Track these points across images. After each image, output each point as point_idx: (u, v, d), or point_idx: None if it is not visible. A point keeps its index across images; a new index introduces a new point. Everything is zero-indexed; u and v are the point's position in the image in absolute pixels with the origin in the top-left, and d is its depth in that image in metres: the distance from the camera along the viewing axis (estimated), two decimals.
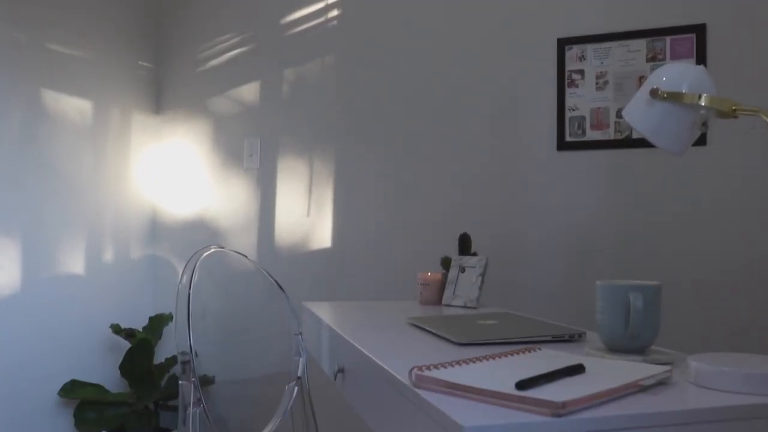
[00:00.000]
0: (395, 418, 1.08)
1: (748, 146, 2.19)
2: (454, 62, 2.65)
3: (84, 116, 3.00)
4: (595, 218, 2.39)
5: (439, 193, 2.66)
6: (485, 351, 1.24)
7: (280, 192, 3.01)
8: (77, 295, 2.96)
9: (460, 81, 2.64)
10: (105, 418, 2.85)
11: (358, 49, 2.84)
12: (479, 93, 2.60)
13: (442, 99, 2.67)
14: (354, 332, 1.50)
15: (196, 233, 3.22)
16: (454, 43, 2.65)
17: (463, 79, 2.63)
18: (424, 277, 2.10)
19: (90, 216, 3.02)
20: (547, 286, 2.45)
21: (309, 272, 2.92)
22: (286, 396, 2.10)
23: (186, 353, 1.77)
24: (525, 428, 0.80)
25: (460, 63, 2.64)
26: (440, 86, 2.67)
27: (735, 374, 0.96)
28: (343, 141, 2.87)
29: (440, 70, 2.67)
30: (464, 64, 2.63)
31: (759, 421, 0.90)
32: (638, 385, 0.96)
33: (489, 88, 2.58)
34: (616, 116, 2.36)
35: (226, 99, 3.17)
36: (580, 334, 1.40)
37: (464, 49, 2.63)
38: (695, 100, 1.12)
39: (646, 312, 1.13)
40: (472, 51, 2.62)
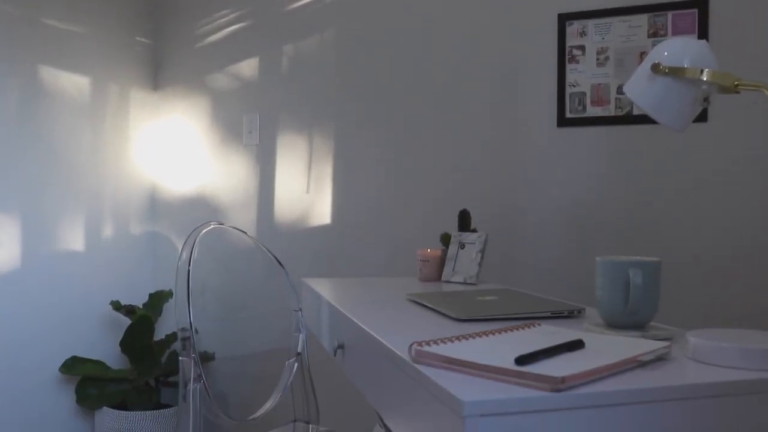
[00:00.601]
0: (395, 394, 1.08)
1: (749, 123, 2.18)
2: (454, 38, 2.63)
3: (82, 93, 2.98)
4: (595, 194, 2.39)
5: (438, 169, 2.65)
6: (485, 327, 1.24)
7: (280, 168, 3.00)
8: (77, 272, 2.97)
9: (459, 57, 2.62)
10: (106, 394, 2.87)
11: (358, 25, 2.82)
12: (479, 69, 2.58)
13: (442, 75, 2.65)
14: (354, 308, 1.51)
15: (195, 210, 3.22)
16: (454, 18, 2.63)
17: (463, 54, 2.61)
18: (424, 254, 2.10)
19: (89, 193, 3.02)
20: (547, 263, 2.45)
21: (309, 248, 2.93)
22: (286, 372, 2.11)
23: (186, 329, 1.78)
24: (524, 403, 0.80)
25: (460, 39, 2.62)
26: (440, 62, 2.66)
27: (733, 349, 0.96)
28: (343, 117, 2.86)
29: (440, 45, 2.65)
30: (464, 40, 2.61)
31: (757, 396, 0.91)
32: (637, 361, 0.96)
33: (489, 64, 2.57)
34: (617, 92, 2.35)
35: (224, 75, 3.15)
36: (580, 310, 1.40)
37: (464, 24, 2.61)
38: (697, 75, 1.11)
39: (646, 288, 1.14)
40: (472, 27, 2.60)
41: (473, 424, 0.78)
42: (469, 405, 0.78)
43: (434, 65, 2.67)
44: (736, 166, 2.20)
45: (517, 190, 2.51)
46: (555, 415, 0.81)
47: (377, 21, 2.78)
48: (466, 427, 0.78)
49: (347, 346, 1.47)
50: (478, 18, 2.59)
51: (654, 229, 2.30)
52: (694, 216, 2.25)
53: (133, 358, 2.92)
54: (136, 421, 2.78)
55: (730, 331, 1.07)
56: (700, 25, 2.23)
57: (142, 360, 2.92)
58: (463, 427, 0.78)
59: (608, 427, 0.83)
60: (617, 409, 0.84)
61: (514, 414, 0.80)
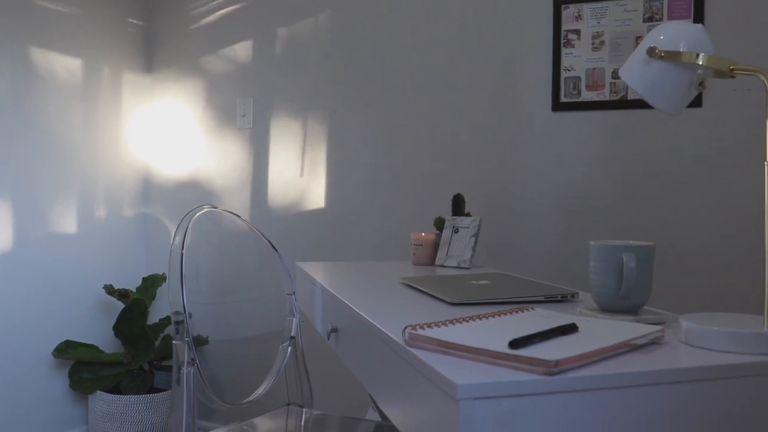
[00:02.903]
0: (388, 377, 1.09)
1: (744, 108, 2.18)
2: (450, 22, 2.61)
3: (74, 76, 2.96)
4: (589, 179, 2.39)
5: (433, 153, 2.65)
6: (478, 310, 1.24)
7: (274, 152, 2.99)
8: (70, 255, 2.96)
9: (455, 41, 2.61)
10: (100, 378, 2.87)
11: (353, 8, 2.80)
12: (474, 53, 2.57)
13: (437, 59, 2.64)
14: (347, 292, 1.51)
15: (189, 193, 3.21)
16: (450, 2, 2.62)
17: (458, 39, 2.60)
18: (418, 238, 2.10)
19: (82, 176, 3.00)
20: (541, 247, 2.46)
21: (303, 232, 2.92)
22: (279, 355, 2.11)
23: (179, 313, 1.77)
24: (518, 386, 0.80)
25: (456, 23, 2.60)
26: (435, 46, 2.64)
27: (725, 333, 0.97)
28: (337, 101, 2.84)
29: (435, 29, 2.64)
30: (459, 23, 2.60)
31: (748, 379, 0.91)
32: (630, 345, 0.96)
33: (484, 48, 2.56)
34: (612, 77, 2.35)
35: (218, 58, 3.13)
36: (573, 294, 1.40)
37: (460, 8, 2.60)
38: (693, 59, 1.10)
39: (639, 272, 1.14)
40: (467, 10, 2.58)
41: (467, 407, 0.78)
42: (463, 388, 0.78)
43: (429, 49, 2.66)
44: (730, 151, 2.20)
45: (512, 174, 2.51)
46: (548, 399, 0.81)
47: (372, 5, 2.77)
48: (459, 410, 0.78)
49: (341, 330, 1.47)
50: (473, 2, 2.57)
51: (648, 214, 2.30)
52: (688, 201, 2.25)
53: (127, 342, 2.92)
54: (130, 405, 2.78)
55: (723, 315, 1.07)
56: (696, 9, 2.22)
57: (136, 344, 2.91)
58: (457, 410, 0.78)
59: (601, 411, 0.84)
60: (610, 392, 0.84)
61: (507, 397, 0.80)
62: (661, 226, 2.28)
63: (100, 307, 3.08)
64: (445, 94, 2.63)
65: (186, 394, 1.77)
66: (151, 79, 3.32)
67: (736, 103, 2.18)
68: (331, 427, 1.97)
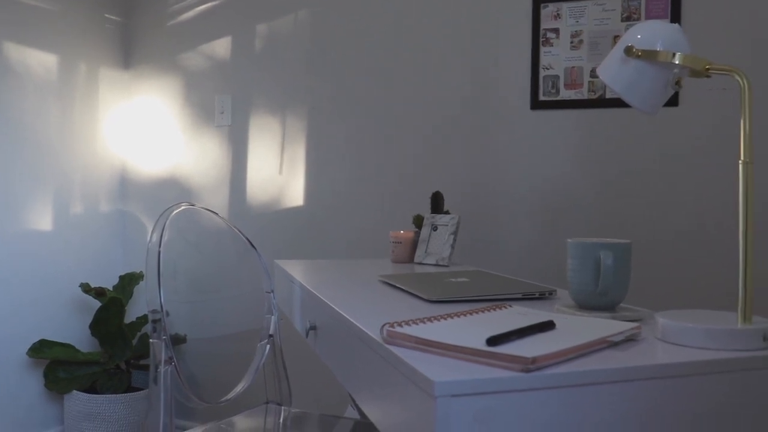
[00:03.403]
0: (367, 375, 1.08)
1: (719, 108, 2.20)
2: (429, 20, 2.62)
3: (49, 71, 2.93)
4: (567, 177, 2.40)
5: (411, 151, 2.65)
6: (456, 308, 1.25)
7: (252, 149, 2.98)
8: (45, 253, 2.93)
9: (434, 39, 2.61)
10: (76, 378, 2.84)
11: (332, 5, 2.80)
12: (454, 50, 2.58)
13: (416, 56, 2.64)
14: (326, 290, 1.50)
15: (167, 191, 3.19)
16: (430, 0, 2.62)
17: (438, 37, 2.60)
18: (397, 236, 2.10)
19: (57, 173, 2.97)
20: (520, 245, 2.47)
21: (281, 230, 2.91)
22: (258, 354, 2.10)
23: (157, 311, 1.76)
24: (495, 383, 0.80)
25: (435, 20, 2.60)
26: (414, 43, 2.64)
27: (700, 330, 0.98)
28: (316, 98, 2.84)
29: (415, 27, 2.64)
30: (439, 21, 2.60)
31: (722, 375, 0.92)
32: (607, 341, 0.97)
33: (464, 46, 2.56)
34: (590, 75, 2.36)
35: (197, 54, 3.11)
36: (551, 292, 1.41)
37: (440, 6, 2.60)
38: (669, 59, 1.11)
39: (616, 270, 1.14)
40: (447, 8, 2.59)
41: (444, 405, 0.78)
42: (440, 385, 0.78)
43: (408, 46, 2.66)
44: (706, 149, 2.22)
45: (491, 172, 2.51)
46: (526, 395, 0.82)
47: (351, 2, 2.76)
48: (437, 408, 0.78)
49: (319, 328, 1.47)
50: (452, 3, 2.58)
51: (625, 212, 2.32)
52: (665, 199, 2.27)
53: (104, 341, 2.89)
54: (107, 405, 2.76)
55: (698, 312, 1.08)
56: (673, 9, 2.24)
57: (113, 343, 2.89)
58: (434, 407, 0.78)
59: (578, 407, 0.84)
60: (587, 389, 0.84)
61: (485, 394, 0.80)
62: (638, 223, 2.30)
63: (76, 305, 3.05)
64: (425, 92, 2.63)
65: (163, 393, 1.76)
66: (129, 75, 3.29)
67: (712, 103, 2.21)
68: (309, 425, 1.96)
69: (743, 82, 1.03)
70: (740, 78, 1.04)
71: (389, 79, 2.69)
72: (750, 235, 1.01)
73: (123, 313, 2.90)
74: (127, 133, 3.29)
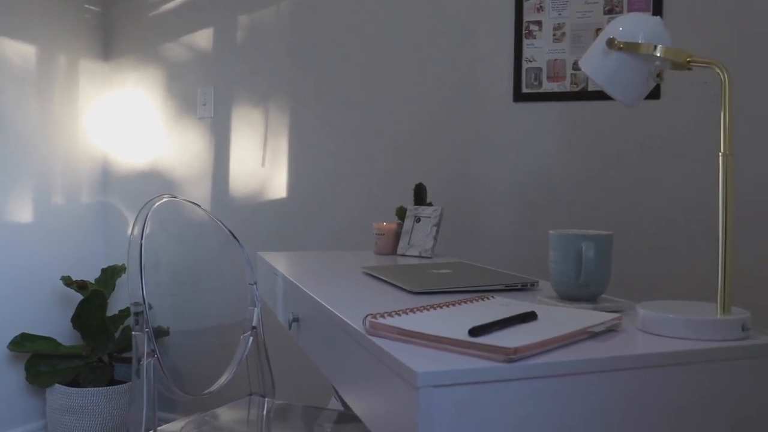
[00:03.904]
0: (350, 366, 1.09)
1: (700, 101, 2.22)
2: (412, 12, 2.61)
3: (27, 62, 2.89)
4: (550, 169, 2.41)
5: (395, 143, 2.65)
6: (439, 299, 1.25)
7: (235, 141, 2.96)
8: (26, 246, 2.90)
9: (417, 31, 2.61)
10: (58, 371, 2.82)
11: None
12: (436, 43, 2.57)
13: (399, 48, 2.64)
14: (309, 281, 1.50)
15: (149, 183, 3.17)
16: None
17: (421, 29, 2.60)
18: (380, 227, 2.10)
19: (37, 165, 2.94)
20: (502, 237, 2.47)
21: (264, 222, 2.90)
22: (241, 346, 2.10)
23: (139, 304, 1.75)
24: (478, 374, 0.81)
25: (418, 13, 2.60)
26: (397, 36, 2.64)
27: (680, 321, 0.99)
28: (299, 90, 2.83)
29: (397, 19, 2.64)
30: (421, 13, 2.59)
31: (702, 365, 0.93)
32: (588, 332, 0.98)
33: (446, 38, 2.56)
34: (573, 68, 2.37)
35: (178, 46, 3.09)
36: (533, 283, 1.42)
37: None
38: (651, 51, 1.12)
39: (598, 261, 1.15)
40: (430, 0, 2.58)
41: (427, 395, 0.79)
42: (423, 376, 0.78)
43: (391, 38, 2.65)
44: (687, 142, 2.24)
45: (473, 164, 2.52)
46: (508, 386, 0.82)
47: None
48: (419, 398, 0.78)
49: (302, 319, 1.47)
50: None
51: (607, 204, 2.34)
52: (646, 191, 2.29)
53: (86, 334, 2.88)
54: (89, 398, 2.74)
55: (678, 302, 1.09)
56: (655, 2, 2.25)
57: (95, 336, 2.87)
58: (417, 397, 0.78)
59: (560, 397, 0.85)
60: (568, 379, 0.85)
61: (467, 384, 0.80)
62: (619, 215, 2.32)
63: (58, 298, 3.02)
64: (407, 84, 2.63)
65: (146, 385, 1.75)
66: (109, 67, 3.26)
67: (693, 96, 2.22)
68: (293, 417, 1.96)
69: (723, 75, 1.04)
70: (720, 71, 1.05)
71: (372, 71, 2.69)
72: (730, 226, 1.02)
73: (105, 306, 2.88)
74: (109, 125, 3.26)
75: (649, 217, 2.28)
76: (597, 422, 0.87)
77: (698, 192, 2.22)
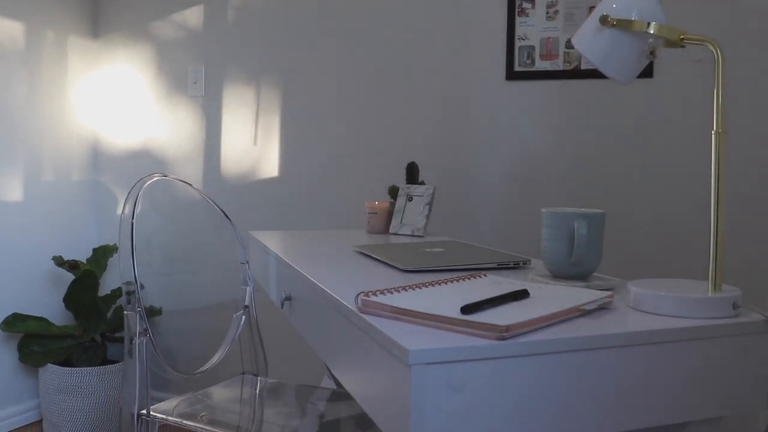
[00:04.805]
0: (342, 344, 1.09)
1: (693, 79, 2.21)
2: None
3: (15, 40, 2.86)
4: (542, 148, 2.41)
5: (387, 122, 2.64)
6: (432, 278, 1.25)
7: (227, 120, 2.95)
8: (17, 226, 2.89)
9: (410, 8, 2.59)
10: (50, 351, 2.82)
11: None
12: (429, 21, 2.56)
13: (392, 26, 2.62)
14: (301, 260, 1.50)
15: (140, 163, 3.15)
16: None
17: (413, 6, 2.58)
18: (372, 206, 2.09)
19: (26, 145, 2.92)
20: (494, 215, 2.48)
21: (256, 201, 2.90)
22: (233, 325, 2.10)
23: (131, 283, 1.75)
24: (470, 351, 0.81)
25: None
26: (390, 13, 2.62)
27: (671, 298, 0.99)
28: (291, 68, 2.81)
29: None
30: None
31: (692, 342, 0.93)
32: (580, 310, 0.98)
33: (439, 17, 2.54)
34: (566, 46, 2.36)
35: (168, 23, 3.06)
36: (525, 261, 1.42)
37: None
38: (644, 28, 1.11)
39: (590, 239, 1.15)
40: None
41: (419, 373, 0.79)
42: (415, 353, 0.79)
43: (384, 16, 2.63)
44: (680, 120, 2.24)
45: (466, 143, 2.51)
46: (499, 363, 0.82)
47: None
48: (411, 376, 0.78)
49: (294, 298, 1.47)
50: None
51: (599, 182, 2.34)
52: (638, 169, 2.29)
53: (78, 314, 2.87)
54: (82, 378, 2.74)
55: (669, 281, 1.10)
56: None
57: (87, 316, 2.87)
58: (409, 375, 0.79)
59: (551, 374, 0.85)
60: (560, 356, 0.85)
61: (459, 362, 0.80)
62: (612, 194, 2.32)
63: (50, 279, 3.01)
64: (400, 62, 2.61)
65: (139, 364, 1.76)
66: (98, 44, 3.23)
67: (686, 74, 2.22)
68: (286, 395, 1.97)
69: (717, 52, 1.04)
70: (714, 48, 1.04)
71: (364, 48, 2.67)
72: (722, 204, 1.02)
73: (97, 286, 2.87)
74: (98, 104, 3.23)
75: (641, 195, 2.28)
76: (589, 399, 0.87)
77: (690, 169, 2.22)
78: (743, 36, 2.15)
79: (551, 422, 0.85)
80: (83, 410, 2.74)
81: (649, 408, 0.91)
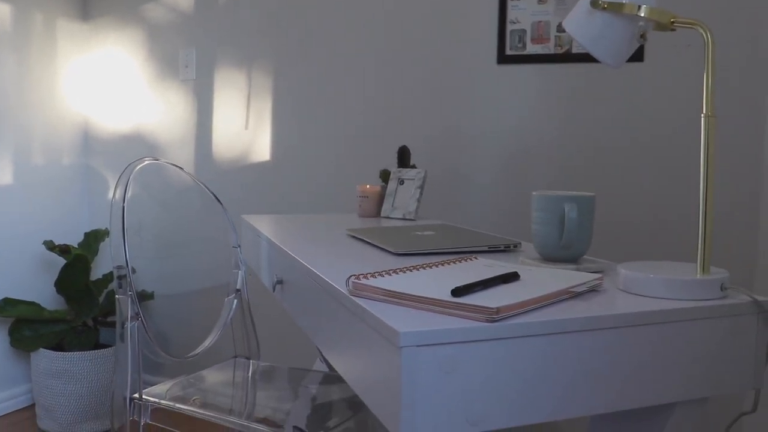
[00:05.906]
0: (334, 327, 1.09)
1: (683, 63, 2.21)
2: None
3: (2, 22, 2.83)
4: (533, 131, 2.41)
5: (378, 105, 2.63)
6: (423, 261, 1.26)
7: (218, 104, 2.93)
8: (6, 210, 2.87)
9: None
10: (42, 336, 2.81)
11: None
12: (420, 4, 2.55)
13: (382, 10, 2.61)
14: (293, 244, 1.50)
15: (131, 146, 3.14)
16: None
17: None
18: (363, 190, 2.10)
19: (16, 129, 2.90)
20: (485, 199, 2.48)
21: (247, 185, 2.89)
22: (225, 308, 2.11)
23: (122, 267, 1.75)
24: (460, 333, 0.82)
25: None
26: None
27: (660, 280, 1.00)
28: (283, 52, 2.79)
29: None
30: None
31: (681, 324, 0.94)
32: (570, 292, 0.99)
33: (430, 0, 2.53)
34: (557, 30, 2.35)
35: (159, 6, 3.03)
36: (516, 244, 1.42)
37: None
38: (635, 11, 1.11)
39: (580, 222, 1.16)
40: None
41: (410, 355, 0.79)
42: (406, 335, 0.79)
43: (374, 3, 2.62)
44: (670, 104, 2.24)
45: (457, 126, 2.51)
46: (490, 345, 0.83)
47: None
48: (402, 358, 0.79)
49: (286, 282, 1.47)
50: None
51: (590, 165, 2.34)
52: (629, 153, 2.29)
53: (70, 299, 2.87)
54: (74, 362, 2.75)
55: (658, 263, 1.10)
56: None
57: (79, 300, 2.86)
58: (400, 357, 0.79)
59: (541, 356, 0.86)
60: (550, 338, 0.86)
61: (450, 344, 0.81)
62: (602, 177, 2.33)
63: (41, 263, 3.01)
64: (391, 46, 2.60)
65: (131, 348, 1.76)
66: (88, 27, 3.20)
67: (677, 58, 2.22)
68: (278, 379, 1.98)
69: (707, 35, 1.04)
70: (704, 31, 1.04)
71: (356, 32, 2.66)
72: (710, 187, 1.03)
73: (89, 270, 2.87)
74: (88, 87, 3.21)
75: (632, 178, 2.29)
76: (579, 381, 0.88)
77: (679, 152, 2.23)
78: (734, 19, 2.15)
79: (542, 403, 0.86)
80: (75, 394, 2.75)
81: (638, 388, 0.92)
